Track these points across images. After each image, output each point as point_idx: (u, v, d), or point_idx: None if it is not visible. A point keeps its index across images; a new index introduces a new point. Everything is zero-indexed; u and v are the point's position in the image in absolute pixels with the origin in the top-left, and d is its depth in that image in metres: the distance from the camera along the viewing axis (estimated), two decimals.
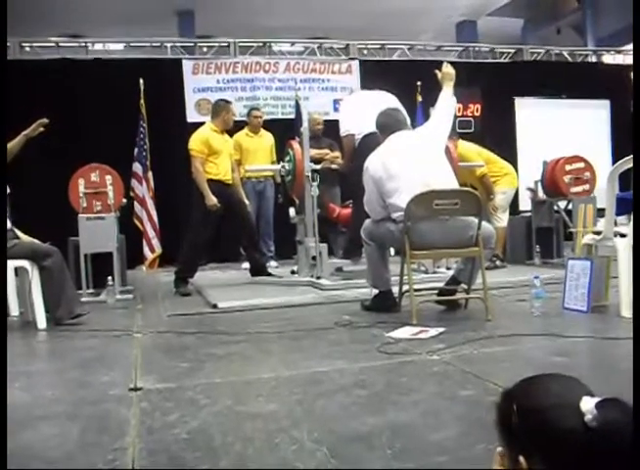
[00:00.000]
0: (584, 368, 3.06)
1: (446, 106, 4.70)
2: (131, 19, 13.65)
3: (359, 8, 14.52)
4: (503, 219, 7.11)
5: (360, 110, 5.87)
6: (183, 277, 6.07)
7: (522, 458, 1.01)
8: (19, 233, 4.76)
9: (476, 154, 7.13)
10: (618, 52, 12.03)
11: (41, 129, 4.88)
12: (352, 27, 13.82)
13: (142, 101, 7.97)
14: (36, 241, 4.79)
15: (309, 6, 14.43)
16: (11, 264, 4.54)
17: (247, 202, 6.61)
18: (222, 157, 6.20)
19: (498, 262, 6.91)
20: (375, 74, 8.67)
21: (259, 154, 7.84)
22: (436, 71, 4.77)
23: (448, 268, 5.95)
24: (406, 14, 15.14)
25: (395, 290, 4.56)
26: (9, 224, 4.72)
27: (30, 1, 12.72)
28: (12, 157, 4.91)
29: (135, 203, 7.88)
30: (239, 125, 7.73)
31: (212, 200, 5.94)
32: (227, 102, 6.52)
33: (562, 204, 7.39)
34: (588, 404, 0.97)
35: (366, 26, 14.29)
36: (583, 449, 0.95)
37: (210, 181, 6.06)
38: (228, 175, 6.27)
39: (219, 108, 6.34)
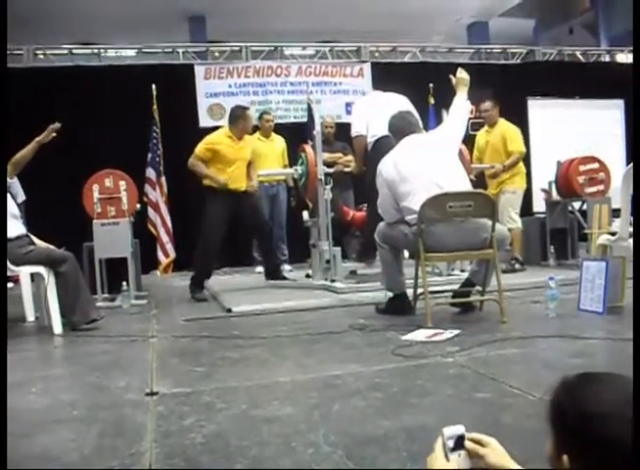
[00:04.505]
0: (601, 370, 3.03)
1: (460, 110, 4.68)
2: (143, 25, 13.73)
3: (370, 10, 14.51)
4: (516, 220, 6.96)
5: (372, 112, 5.87)
6: (198, 282, 6.08)
7: (565, 458, 1.00)
8: (34, 239, 4.80)
9: (515, 133, 7.17)
10: (632, 51, 11.94)
11: (53, 135, 4.91)
12: (363, 30, 13.82)
13: (154, 106, 8.01)
14: (51, 247, 4.83)
15: (320, 9, 14.45)
16: (27, 270, 4.58)
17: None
18: (233, 165, 6.07)
19: (517, 266, 6.78)
20: (387, 77, 8.65)
21: (271, 158, 7.85)
22: (451, 77, 4.77)
23: (462, 271, 5.93)
24: (417, 16, 15.13)
25: (410, 292, 4.55)
26: (24, 230, 4.76)
27: (44, 9, 12.84)
28: (25, 163, 4.95)
29: (149, 208, 7.91)
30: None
31: (220, 179, 5.92)
32: (244, 108, 6.35)
33: (576, 204, 7.35)
34: None
35: (377, 29, 14.28)
36: (629, 464, 0.94)
37: (219, 191, 6.01)
38: (238, 184, 6.12)
39: (236, 115, 6.18)
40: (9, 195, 4.78)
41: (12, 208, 4.72)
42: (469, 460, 1.24)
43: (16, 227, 4.62)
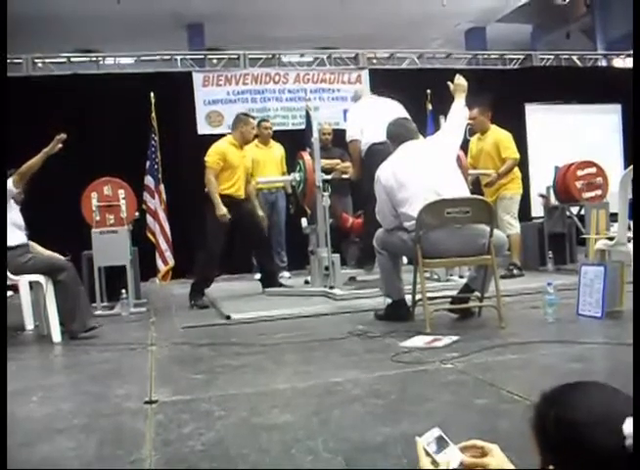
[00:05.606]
0: (601, 375, 3.04)
1: (458, 116, 4.69)
2: (141, 32, 13.76)
3: (368, 17, 14.54)
4: (515, 226, 6.95)
5: (366, 118, 5.89)
6: (199, 289, 6.09)
7: (551, 468, 0.99)
8: (38, 247, 4.81)
9: (508, 140, 7.11)
10: (629, 55, 11.97)
11: (60, 146, 4.93)
12: (361, 37, 13.86)
13: (153, 114, 8.02)
14: (55, 254, 4.83)
15: (318, 16, 14.47)
16: (26, 279, 4.59)
17: (260, 213, 6.61)
18: (237, 172, 6.22)
19: (515, 271, 6.75)
20: (385, 83, 8.66)
21: (269, 165, 7.86)
22: (449, 83, 4.79)
23: (461, 276, 5.93)
24: (415, 22, 15.16)
25: (409, 299, 4.56)
26: (25, 239, 4.76)
27: (42, 18, 12.87)
28: (32, 173, 4.96)
29: (147, 216, 7.90)
30: None
31: (222, 210, 5.97)
32: (247, 115, 6.56)
33: (574, 209, 7.36)
34: (631, 428, 0.93)
35: (375, 35, 14.32)
36: None
37: (220, 195, 6.09)
38: (240, 191, 6.29)
39: (237, 120, 6.40)
40: (13, 205, 4.78)
41: (15, 217, 4.72)
42: (458, 452, 1.25)
43: (16, 236, 4.63)
